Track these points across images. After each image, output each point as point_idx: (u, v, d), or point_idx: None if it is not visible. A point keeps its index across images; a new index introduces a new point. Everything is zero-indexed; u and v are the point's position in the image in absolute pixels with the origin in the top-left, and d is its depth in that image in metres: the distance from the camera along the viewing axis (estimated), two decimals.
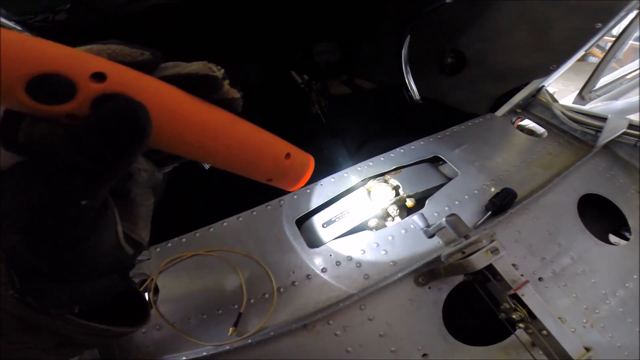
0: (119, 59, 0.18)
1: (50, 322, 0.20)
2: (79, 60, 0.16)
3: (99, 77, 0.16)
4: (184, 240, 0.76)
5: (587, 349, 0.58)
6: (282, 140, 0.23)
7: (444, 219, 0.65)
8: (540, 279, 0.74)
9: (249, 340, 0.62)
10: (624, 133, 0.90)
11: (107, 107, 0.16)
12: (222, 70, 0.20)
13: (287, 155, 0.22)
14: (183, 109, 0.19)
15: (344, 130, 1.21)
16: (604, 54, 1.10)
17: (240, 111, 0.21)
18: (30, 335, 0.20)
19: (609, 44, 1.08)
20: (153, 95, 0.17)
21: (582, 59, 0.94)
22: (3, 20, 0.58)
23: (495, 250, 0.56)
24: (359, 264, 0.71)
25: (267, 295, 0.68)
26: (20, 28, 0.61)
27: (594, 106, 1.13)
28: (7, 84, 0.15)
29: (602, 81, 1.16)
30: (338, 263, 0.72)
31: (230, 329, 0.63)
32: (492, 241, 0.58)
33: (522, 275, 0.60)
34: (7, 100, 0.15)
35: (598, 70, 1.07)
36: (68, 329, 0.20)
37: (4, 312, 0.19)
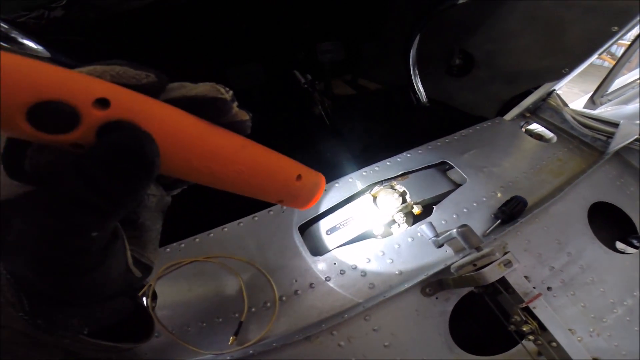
0: (123, 82, 0.17)
1: (59, 340, 0.20)
2: (81, 86, 0.15)
3: (103, 103, 0.15)
4: (182, 245, 0.73)
5: (595, 359, 0.57)
6: (293, 161, 0.22)
7: (454, 230, 0.62)
8: (549, 288, 0.73)
9: (250, 351, 0.60)
10: (635, 139, 0.88)
11: (111, 140, 0.15)
12: (231, 92, 0.19)
13: (299, 177, 0.22)
14: (191, 134, 0.18)
15: (348, 131, 1.19)
16: (610, 57, 1.07)
17: (249, 133, 0.21)
18: (38, 351, 0.20)
19: (619, 48, 1.05)
20: (160, 121, 0.17)
21: None
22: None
23: (508, 263, 0.54)
24: (363, 273, 0.69)
25: (269, 304, 0.66)
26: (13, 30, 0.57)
27: (604, 110, 1.10)
28: (7, 113, 0.14)
29: (614, 85, 1.13)
30: (342, 272, 0.69)
31: (231, 337, 0.61)
32: (505, 253, 0.56)
33: (534, 287, 0.58)
34: (8, 129, 0.15)
35: (611, 74, 1.04)
36: (76, 346, 0.20)
37: (12, 330, 0.18)
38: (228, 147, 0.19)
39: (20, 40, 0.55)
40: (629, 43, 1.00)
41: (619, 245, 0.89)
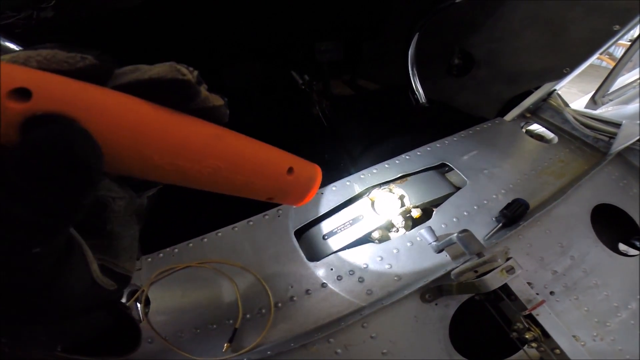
0: (52, 68, 0.14)
1: (29, 356, 0.18)
2: None
3: (23, 93, 0.12)
4: (176, 250, 0.72)
5: None
6: (283, 152, 0.19)
7: (454, 235, 0.61)
8: (551, 292, 0.71)
9: (245, 358, 0.58)
10: (638, 140, 0.86)
11: (33, 139, 0.12)
12: (196, 72, 0.16)
13: (290, 170, 0.19)
14: (147, 126, 0.15)
15: (346, 132, 1.17)
16: (608, 57, 1.05)
17: (226, 121, 0.18)
18: None
19: (617, 48, 1.04)
20: (103, 112, 0.14)
21: None
22: None
23: (510, 270, 0.53)
24: (361, 279, 0.68)
25: (264, 311, 0.64)
26: None
27: (605, 110, 1.08)
28: None
29: (615, 85, 1.12)
30: (339, 277, 0.68)
31: (225, 344, 0.60)
32: (507, 259, 0.54)
33: (537, 294, 0.57)
34: None
35: (613, 74, 1.03)
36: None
37: None
38: (198, 139, 0.16)
39: (3, 42, 0.53)
40: (630, 43, 0.98)
41: (622, 247, 0.87)
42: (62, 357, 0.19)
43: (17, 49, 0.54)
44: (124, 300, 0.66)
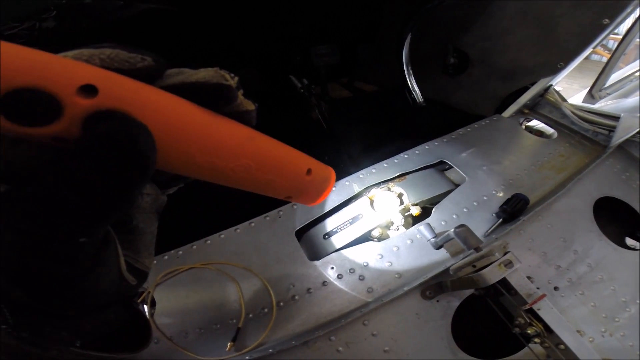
0: (114, 67, 0.15)
1: (43, 352, 0.18)
2: (63, 71, 0.13)
3: (90, 90, 0.13)
4: (180, 252, 0.73)
5: None
6: (302, 154, 0.20)
7: (452, 230, 0.61)
8: (555, 288, 0.71)
9: (247, 357, 0.59)
10: (638, 132, 0.86)
11: (99, 132, 0.13)
12: (237, 79, 0.17)
13: (309, 171, 0.20)
14: (193, 125, 0.16)
15: (346, 134, 1.18)
16: (607, 51, 1.06)
17: (254, 124, 0.19)
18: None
19: (614, 42, 1.04)
20: (157, 110, 0.15)
21: (586, 57, 0.90)
22: None
23: (509, 263, 0.53)
24: (362, 277, 0.68)
25: (266, 310, 0.65)
26: None
27: (604, 104, 1.08)
28: None
29: (612, 79, 1.12)
30: (340, 276, 0.68)
31: (229, 344, 0.60)
32: (505, 253, 0.54)
33: (538, 288, 0.56)
34: None
35: (608, 68, 1.03)
36: (65, 357, 0.19)
37: None
38: (234, 140, 0.17)
39: None
40: (622, 37, 0.99)
41: (629, 241, 0.86)
42: (77, 353, 0.19)
43: None
44: None
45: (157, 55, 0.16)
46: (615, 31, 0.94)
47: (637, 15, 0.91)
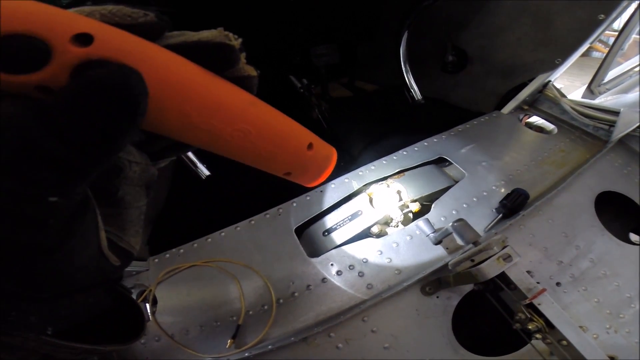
0: (115, 21, 0.14)
1: (23, 342, 0.16)
2: (58, 18, 0.13)
3: (85, 39, 0.13)
4: (182, 251, 0.74)
5: (612, 358, 0.54)
6: (304, 128, 0.19)
7: (450, 225, 0.61)
8: (558, 283, 0.70)
9: (246, 354, 0.59)
10: (638, 127, 0.85)
11: (89, 74, 0.12)
12: (240, 40, 0.16)
13: (310, 146, 0.19)
14: (192, 84, 0.15)
15: (346, 134, 1.19)
16: (607, 48, 1.05)
17: (255, 93, 0.18)
18: (7, 352, 0.16)
19: (612, 39, 1.04)
20: (154, 65, 0.14)
21: (586, 54, 0.90)
22: None
23: (507, 257, 0.53)
24: (361, 273, 0.68)
25: (266, 307, 0.65)
26: None
27: (604, 100, 1.08)
28: None
29: (611, 74, 1.11)
30: (339, 272, 0.69)
31: (229, 341, 0.61)
32: (504, 247, 0.54)
33: (538, 282, 0.56)
34: None
35: (606, 63, 1.03)
36: (46, 348, 0.17)
37: None
38: (234, 103, 0.16)
39: None
40: (618, 33, 0.99)
41: (633, 237, 0.84)
42: (54, 343, 0.17)
43: None
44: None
45: (160, 13, 0.15)
46: (614, 27, 0.94)
47: (633, 10, 0.91)
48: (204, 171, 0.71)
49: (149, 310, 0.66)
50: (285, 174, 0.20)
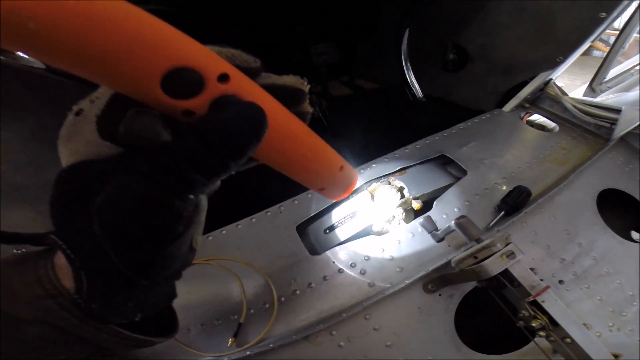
0: (235, 63, 0.18)
1: (97, 333, 0.19)
2: (211, 59, 0.16)
3: (224, 78, 0.17)
4: None
5: (616, 356, 0.53)
6: (336, 153, 0.25)
7: (452, 222, 0.61)
8: (560, 281, 0.70)
9: (247, 352, 0.59)
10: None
11: (235, 107, 0.16)
12: (309, 86, 0.22)
13: (341, 168, 0.25)
14: (279, 117, 0.20)
15: (347, 132, 1.19)
16: (608, 47, 1.05)
17: (308, 124, 0.23)
18: (67, 347, 0.19)
19: (613, 38, 1.04)
20: (261, 102, 0.18)
21: (587, 52, 0.90)
22: None
23: (511, 254, 0.52)
24: (363, 271, 0.68)
25: (267, 305, 0.65)
26: None
27: (606, 98, 1.07)
28: (148, 74, 0.15)
29: (612, 72, 1.11)
30: (341, 270, 0.68)
31: (230, 339, 0.60)
32: (507, 244, 0.54)
33: (541, 280, 0.56)
34: (138, 89, 0.15)
35: (607, 61, 1.03)
36: (111, 340, 0.20)
37: (47, 326, 0.18)
38: (301, 132, 0.21)
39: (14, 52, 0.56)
40: (619, 31, 0.99)
41: (635, 235, 0.84)
42: (122, 334, 0.20)
43: (26, 56, 0.57)
44: None
45: (261, 60, 0.20)
46: (615, 26, 0.94)
47: (634, 9, 0.91)
48: None
49: None
50: (320, 189, 0.25)
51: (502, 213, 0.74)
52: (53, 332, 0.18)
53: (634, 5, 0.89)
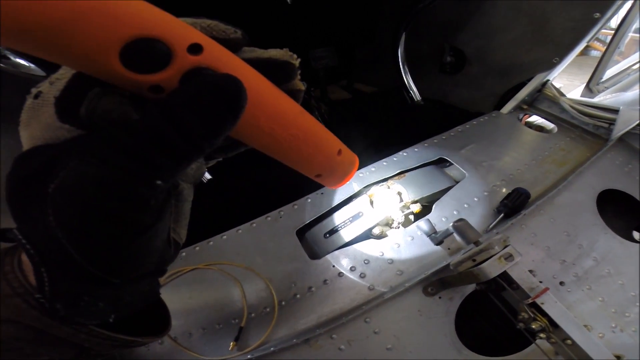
0: (212, 34, 0.16)
1: (74, 334, 0.17)
2: (180, 29, 0.14)
3: (196, 49, 0.15)
4: (183, 254, 0.74)
5: (619, 357, 0.53)
6: (334, 136, 0.22)
7: (451, 225, 0.61)
8: (561, 283, 0.69)
9: (249, 356, 0.59)
10: (638, 125, 0.85)
11: (206, 78, 0.14)
12: (299, 60, 0.19)
13: (339, 152, 0.22)
14: (265, 93, 0.18)
15: (346, 136, 1.19)
16: (604, 46, 1.06)
17: (301, 103, 0.21)
18: (48, 348, 0.17)
19: (609, 37, 1.04)
20: (242, 76, 0.16)
21: (584, 53, 0.91)
22: None
23: (509, 257, 0.52)
24: (363, 274, 0.68)
25: (268, 309, 0.65)
26: None
27: (604, 98, 1.08)
28: (103, 45, 0.13)
29: (609, 73, 1.12)
30: (341, 274, 0.69)
31: (231, 343, 0.61)
32: (505, 246, 0.54)
33: (540, 282, 0.56)
34: (93, 63, 0.13)
35: (603, 61, 1.03)
36: (92, 341, 0.18)
37: (18, 325, 0.16)
38: (291, 111, 0.19)
39: (13, 59, 0.55)
40: (614, 31, 0.99)
41: (636, 235, 0.84)
42: (103, 335, 0.18)
43: (26, 63, 0.57)
44: None
45: (243, 31, 0.17)
46: (611, 26, 0.94)
47: (628, 8, 0.92)
48: (206, 175, 0.71)
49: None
50: (317, 175, 0.22)
51: (502, 215, 0.74)
52: (26, 332, 0.16)
53: (629, 4, 0.90)
